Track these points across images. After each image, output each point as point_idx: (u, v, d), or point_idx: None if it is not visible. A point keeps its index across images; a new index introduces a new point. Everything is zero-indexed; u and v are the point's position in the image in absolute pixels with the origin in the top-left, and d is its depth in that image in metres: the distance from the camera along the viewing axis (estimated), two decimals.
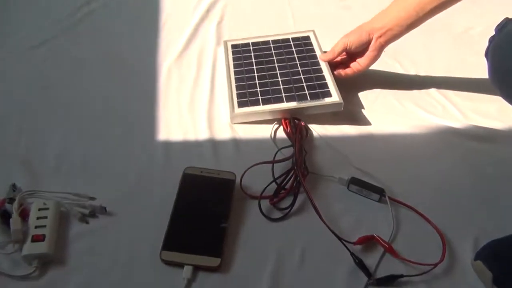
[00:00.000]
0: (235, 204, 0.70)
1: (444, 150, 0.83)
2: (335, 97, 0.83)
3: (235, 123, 0.83)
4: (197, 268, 0.62)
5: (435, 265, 0.64)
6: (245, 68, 0.90)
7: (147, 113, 0.84)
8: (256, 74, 0.88)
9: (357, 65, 0.88)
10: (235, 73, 0.89)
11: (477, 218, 0.72)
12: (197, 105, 0.87)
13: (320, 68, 0.88)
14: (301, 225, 0.69)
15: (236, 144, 0.80)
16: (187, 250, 0.62)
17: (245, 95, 0.84)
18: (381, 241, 0.67)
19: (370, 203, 0.73)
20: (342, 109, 0.83)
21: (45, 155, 0.75)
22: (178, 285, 0.60)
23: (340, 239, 0.66)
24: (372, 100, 0.91)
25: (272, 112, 0.83)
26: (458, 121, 0.87)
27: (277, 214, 0.70)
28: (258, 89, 0.85)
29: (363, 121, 0.87)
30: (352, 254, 0.65)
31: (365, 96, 0.92)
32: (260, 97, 0.84)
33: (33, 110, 0.83)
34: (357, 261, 0.64)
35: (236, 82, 0.87)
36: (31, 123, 0.80)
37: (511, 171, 0.79)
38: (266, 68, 0.89)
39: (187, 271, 0.60)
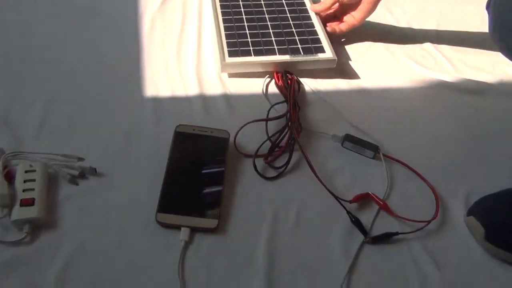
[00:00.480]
0: (230, 163, 0.68)
1: (436, 104, 0.82)
2: (328, 53, 0.80)
3: (224, 73, 0.80)
4: (194, 230, 0.61)
5: (429, 222, 0.65)
6: (234, 17, 0.85)
7: (132, 68, 0.80)
8: (246, 24, 0.84)
9: (351, 19, 0.84)
10: (224, 21, 0.85)
11: (469, 174, 0.72)
12: (184, 58, 0.83)
13: (312, 22, 0.85)
14: (297, 183, 0.68)
15: (228, 99, 0.78)
16: (184, 212, 0.61)
17: (236, 44, 0.81)
18: (376, 198, 0.67)
19: (364, 160, 0.73)
20: (335, 66, 0.81)
21: (28, 114, 0.71)
22: (175, 247, 0.59)
23: (336, 197, 0.65)
24: (362, 53, 0.89)
25: (264, 64, 0.80)
26: (450, 75, 0.86)
27: (272, 173, 0.69)
28: (249, 39, 0.81)
29: (355, 75, 0.85)
30: (348, 212, 0.65)
31: (355, 49, 0.89)
32: (251, 48, 0.80)
33: (13, 67, 0.78)
34: (353, 219, 0.64)
35: (225, 31, 0.83)
36: (11, 81, 0.76)
37: (504, 126, 0.79)
38: (256, 19, 0.85)
39: (184, 233, 0.59)
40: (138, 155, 0.68)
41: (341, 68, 0.85)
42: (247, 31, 0.83)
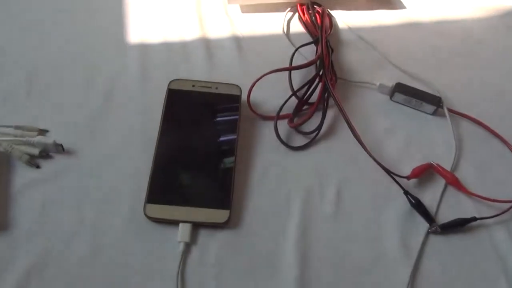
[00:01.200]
0: (243, 129, 0.51)
1: (509, 39, 0.62)
2: None
3: (233, 4, 0.62)
4: (197, 226, 0.44)
5: None
6: None
7: (111, 3, 0.61)
8: None
9: None
10: None
11: None
12: None
13: None
14: (334, 154, 0.51)
15: (238, 43, 0.59)
16: (182, 201, 0.44)
17: None
18: (441, 170, 0.50)
19: (422, 118, 0.55)
20: None
21: None
22: (172, 251, 0.43)
23: (388, 172, 0.48)
24: None
25: None
26: None
27: (300, 140, 0.52)
28: None
29: (402, 4, 0.65)
30: (406, 193, 0.48)
31: None
32: None
33: None
34: (413, 202, 0.47)
35: None
36: None
37: None
38: None
39: (184, 231, 0.43)
40: (119, 124, 0.51)
41: None
42: None
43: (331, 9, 0.63)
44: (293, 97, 0.53)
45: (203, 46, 0.58)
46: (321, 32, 0.56)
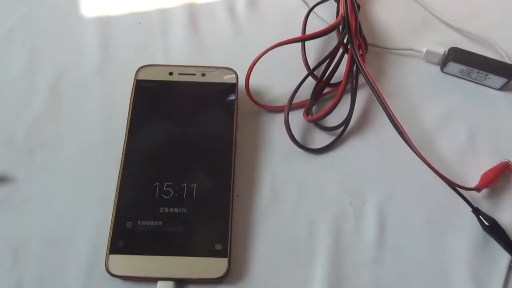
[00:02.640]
0: (242, 130, 0.37)
1: None
2: None
3: None
4: (182, 284, 0.31)
5: None
6: None
7: None
8: None
9: None
10: None
11: None
12: None
13: None
14: (369, 157, 0.37)
15: (232, 10, 0.44)
16: (160, 249, 0.31)
17: None
18: None
19: (487, 96, 0.40)
20: None
21: None
22: None
23: (451, 184, 0.34)
24: None
25: None
26: None
27: (322, 140, 0.37)
28: None
29: None
30: (477, 211, 0.34)
31: None
32: None
33: None
34: (487, 224, 0.33)
35: None
36: None
37: None
38: None
39: None
40: (71, 136, 0.37)
41: None
42: None
43: None
44: (309, 78, 0.39)
45: (185, 17, 0.43)
46: None
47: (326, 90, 0.39)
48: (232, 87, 0.37)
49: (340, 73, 0.39)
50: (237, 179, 0.34)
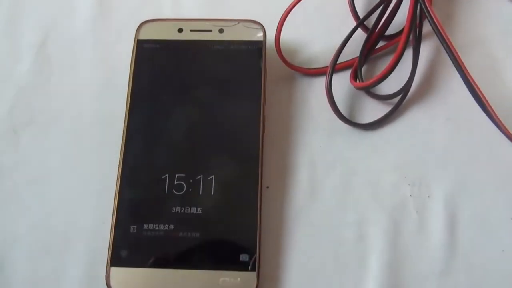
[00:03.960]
0: (271, 100, 0.29)
1: None
2: None
3: None
4: None
5: None
6: None
7: None
8: None
9: None
10: None
11: None
12: None
13: None
14: (437, 134, 0.29)
15: None
16: (170, 260, 0.25)
17: None
18: None
19: None
20: None
21: None
22: None
23: None
24: None
25: None
26: None
27: (375, 111, 0.29)
28: None
29: None
30: None
31: None
32: None
33: None
34: None
35: None
36: None
37: None
38: None
39: None
40: (60, 108, 0.30)
41: None
42: None
43: None
44: (358, 31, 0.30)
45: None
46: None
47: (380, 44, 0.31)
48: (258, 46, 0.29)
49: (398, 22, 0.30)
50: (266, 167, 0.27)
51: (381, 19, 0.30)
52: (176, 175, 0.26)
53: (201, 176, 0.26)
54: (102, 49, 0.31)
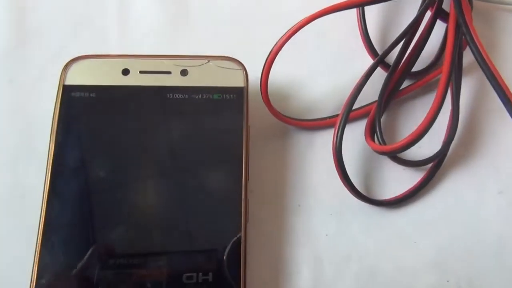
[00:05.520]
0: (255, 169, 0.20)
1: None
2: None
3: None
4: None
5: None
6: None
7: None
8: None
9: None
10: None
11: None
12: None
13: None
14: (488, 211, 0.21)
15: None
16: None
17: None
18: None
19: None
20: None
21: None
22: None
23: None
24: None
25: None
26: None
27: (401, 182, 0.21)
28: None
29: None
30: None
31: None
32: None
33: None
34: None
35: None
36: None
37: None
38: None
39: None
40: None
41: None
42: None
43: None
44: (378, 69, 0.22)
45: None
46: None
47: (405, 85, 0.23)
48: (237, 95, 0.20)
49: (428, 53, 0.22)
50: (250, 270, 0.19)
51: (405, 52, 0.22)
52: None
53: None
54: (17, 95, 0.22)
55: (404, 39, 0.22)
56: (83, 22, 0.24)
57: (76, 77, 0.20)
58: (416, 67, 0.22)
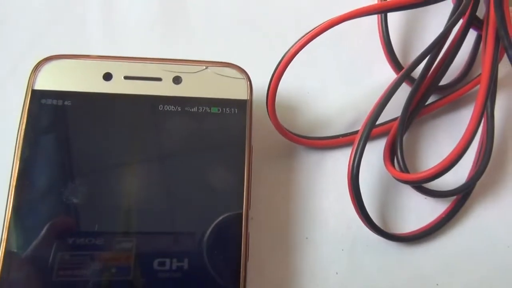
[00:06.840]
0: (259, 194, 0.18)
1: None
2: None
3: None
4: None
5: None
6: None
7: None
8: None
9: None
10: None
11: None
12: None
13: None
14: None
15: None
16: None
17: None
18: None
19: None
20: None
21: None
22: None
23: None
24: None
25: None
26: None
27: (424, 214, 0.18)
28: None
29: None
30: None
31: None
32: None
33: None
34: None
35: None
36: None
37: None
38: None
39: None
40: None
41: None
42: None
43: None
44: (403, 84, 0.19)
45: None
46: None
47: (431, 100, 0.20)
48: (238, 108, 0.17)
49: (457, 66, 0.19)
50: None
51: (433, 64, 0.19)
52: None
53: None
54: None
55: (432, 51, 0.19)
56: (60, 14, 0.20)
57: (48, 81, 0.17)
58: (443, 81, 0.20)
